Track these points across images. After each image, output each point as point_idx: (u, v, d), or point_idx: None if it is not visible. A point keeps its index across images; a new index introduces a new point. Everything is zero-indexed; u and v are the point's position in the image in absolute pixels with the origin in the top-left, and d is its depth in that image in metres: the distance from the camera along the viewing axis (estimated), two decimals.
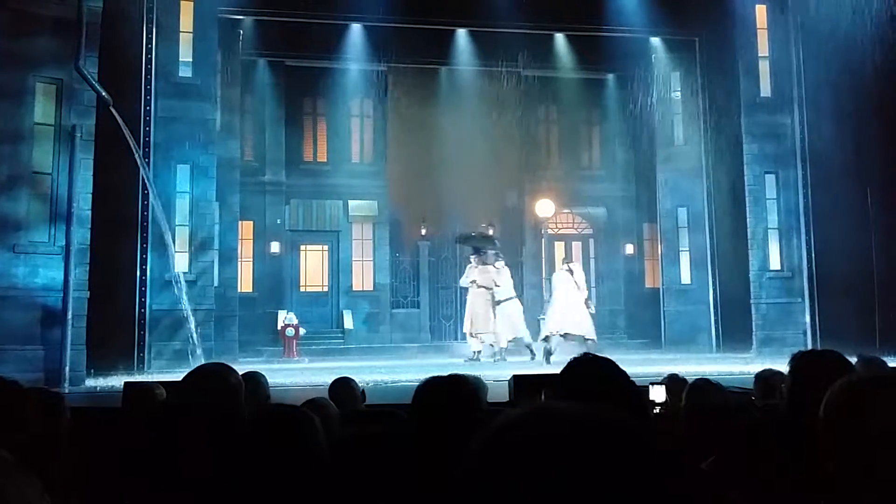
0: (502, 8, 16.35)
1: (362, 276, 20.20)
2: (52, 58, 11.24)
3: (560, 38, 18.96)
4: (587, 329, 13.97)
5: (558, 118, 21.35)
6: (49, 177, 11.22)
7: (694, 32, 17.59)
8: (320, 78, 19.44)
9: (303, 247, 20.10)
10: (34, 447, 1.99)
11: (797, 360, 2.60)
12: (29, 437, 2.03)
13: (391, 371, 11.64)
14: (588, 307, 14.16)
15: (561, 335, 13.77)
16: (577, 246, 21.56)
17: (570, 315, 13.84)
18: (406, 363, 13.81)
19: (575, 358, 1.96)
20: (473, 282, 14.75)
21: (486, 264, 14.58)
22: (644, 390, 4.91)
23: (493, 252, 15.17)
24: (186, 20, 14.50)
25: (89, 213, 11.36)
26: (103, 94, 11.60)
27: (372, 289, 20.05)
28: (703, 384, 4.22)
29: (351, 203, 20.19)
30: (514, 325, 14.35)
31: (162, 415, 3.54)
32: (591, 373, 1.88)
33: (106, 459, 2.46)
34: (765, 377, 4.50)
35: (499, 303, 14.23)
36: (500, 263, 14.67)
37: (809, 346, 14.77)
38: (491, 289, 14.35)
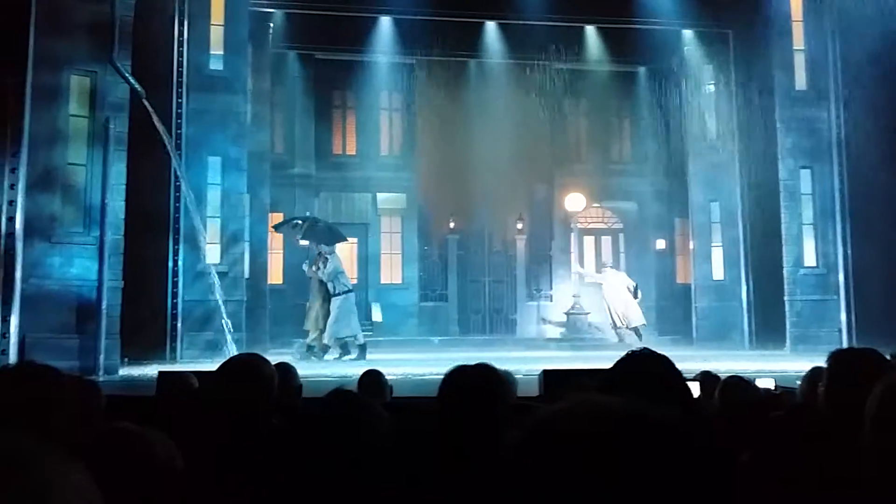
0: (532, 0, 16.27)
1: (391, 269, 20.27)
2: (86, 52, 11.39)
3: (591, 31, 18.82)
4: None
5: (589, 111, 21.20)
6: (83, 168, 11.38)
7: (727, 25, 17.34)
8: (350, 71, 19.51)
9: None
10: (72, 433, 2.02)
11: (835, 359, 2.56)
12: (67, 423, 2.06)
13: (420, 363, 11.67)
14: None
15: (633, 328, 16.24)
16: (606, 241, 21.42)
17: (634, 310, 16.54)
18: (434, 356, 13.82)
19: (632, 351, 1.93)
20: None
21: (321, 254, 13.68)
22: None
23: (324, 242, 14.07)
24: (217, 13, 14.63)
25: (123, 204, 11.52)
26: (136, 86, 11.74)
27: (400, 282, 20.11)
28: (737, 381, 4.17)
29: (380, 196, 20.26)
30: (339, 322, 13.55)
31: (196, 403, 3.58)
32: (646, 369, 1.85)
33: None
34: (813, 376, 4.39)
35: (334, 296, 13.44)
36: (335, 255, 13.84)
37: (845, 344, 14.52)
38: (322, 281, 13.53)
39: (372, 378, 4.49)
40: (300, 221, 14.63)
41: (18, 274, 10.43)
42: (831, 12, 15.38)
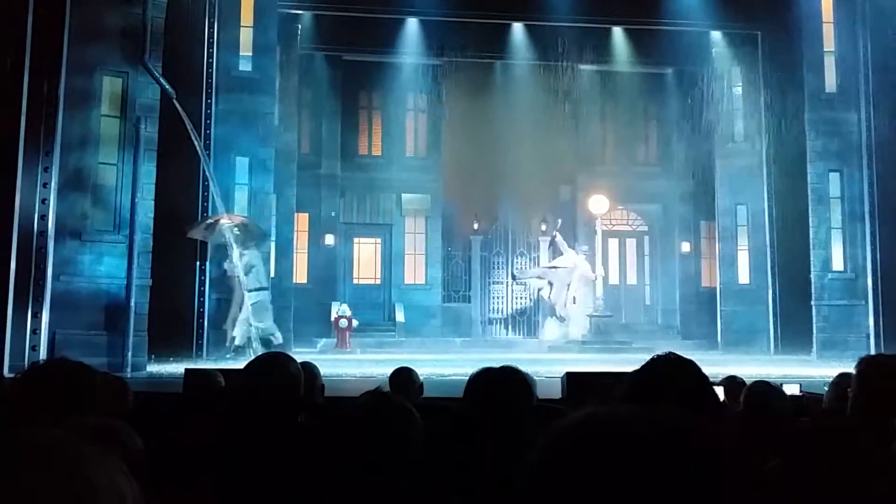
0: (559, 1, 16.23)
1: (414, 270, 20.31)
2: (118, 55, 11.58)
3: (618, 32, 18.72)
4: None
5: (614, 113, 21.07)
6: (114, 168, 11.56)
7: (756, 26, 17.17)
8: (376, 72, 19.59)
9: (356, 239, 20.31)
10: (104, 430, 2.06)
11: (864, 364, 2.54)
12: (99, 420, 2.10)
13: (443, 364, 11.68)
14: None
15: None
16: (631, 243, 21.27)
17: None
18: (457, 357, 13.83)
19: (658, 355, 1.93)
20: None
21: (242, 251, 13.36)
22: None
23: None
24: (247, 15, 14.78)
25: (152, 204, 11.68)
26: (167, 87, 11.90)
27: (424, 282, 20.14)
28: (763, 387, 4.12)
29: (404, 196, 20.31)
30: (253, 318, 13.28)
31: (223, 401, 3.63)
32: (672, 373, 1.84)
33: (169, 444, 2.53)
34: (840, 382, 4.34)
35: (247, 290, 13.21)
36: (253, 251, 13.51)
37: (873, 350, 14.30)
38: (238, 277, 13.29)
39: (403, 375, 4.49)
40: (213, 221, 13.65)
41: (49, 271, 10.62)
42: (862, 14, 15.16)
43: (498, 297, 20.11)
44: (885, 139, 14.63)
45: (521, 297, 20.16)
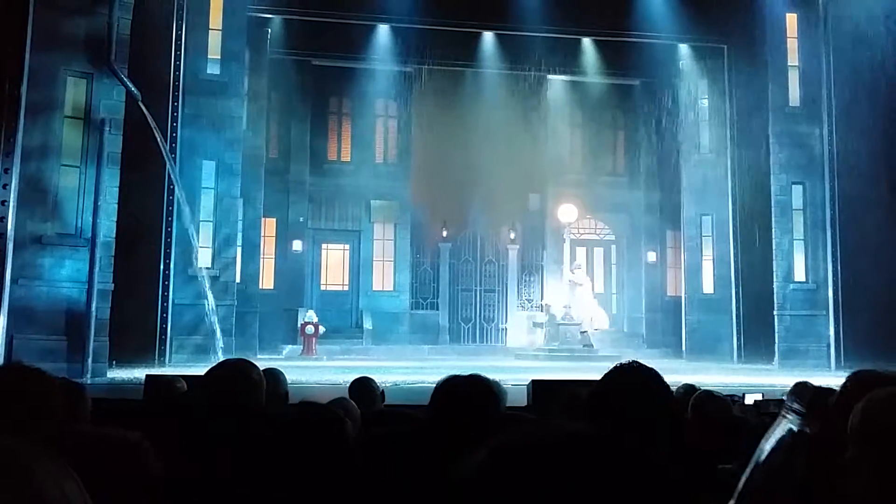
0: (530, 12, 16.36)
1: (382, 276, 20.26)
2: (83, 56, 11.38)
3: (587, 43, 18.92)
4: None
5: (583, 123, 21.28)
6: (77, 171, 11.34)
7: (722, 40, 17.48)
8: (346, 78, 19.54)
9: (324, 245, 20.21)
10: (58, 437, 2.01)
11: (852, 378, 2.55)
12: (53, 427, 2.05)
13: (410, 371, 11.65)
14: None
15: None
16: (598, 252, 21.46)
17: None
18: (424, 364, 13.82)
19: (621, 364, 1.92)
20: None
21: None
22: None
23: None
24: (216, 19, 14.66)
25: (116, 206, 11.48)
26: (132, 89, 11.72)
27: (392, 289, 20.10)
28: (707, 396, 4.21)
29: (373, 203, 20.26)
30: None
31: (183, 407, 3.57)
32: (634, 382, 1.84)
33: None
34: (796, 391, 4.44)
35: None
36: None
37: (833, 360, 14.61)
38: None
39: (362, 384, 4.46)
40: None
41: (8, 275, 10.38)
42: (825, 31, 15.51)
43: (466, 305, 20.13)
44: (846, 153, 14.96)
45: (489, 305, 20.21)
